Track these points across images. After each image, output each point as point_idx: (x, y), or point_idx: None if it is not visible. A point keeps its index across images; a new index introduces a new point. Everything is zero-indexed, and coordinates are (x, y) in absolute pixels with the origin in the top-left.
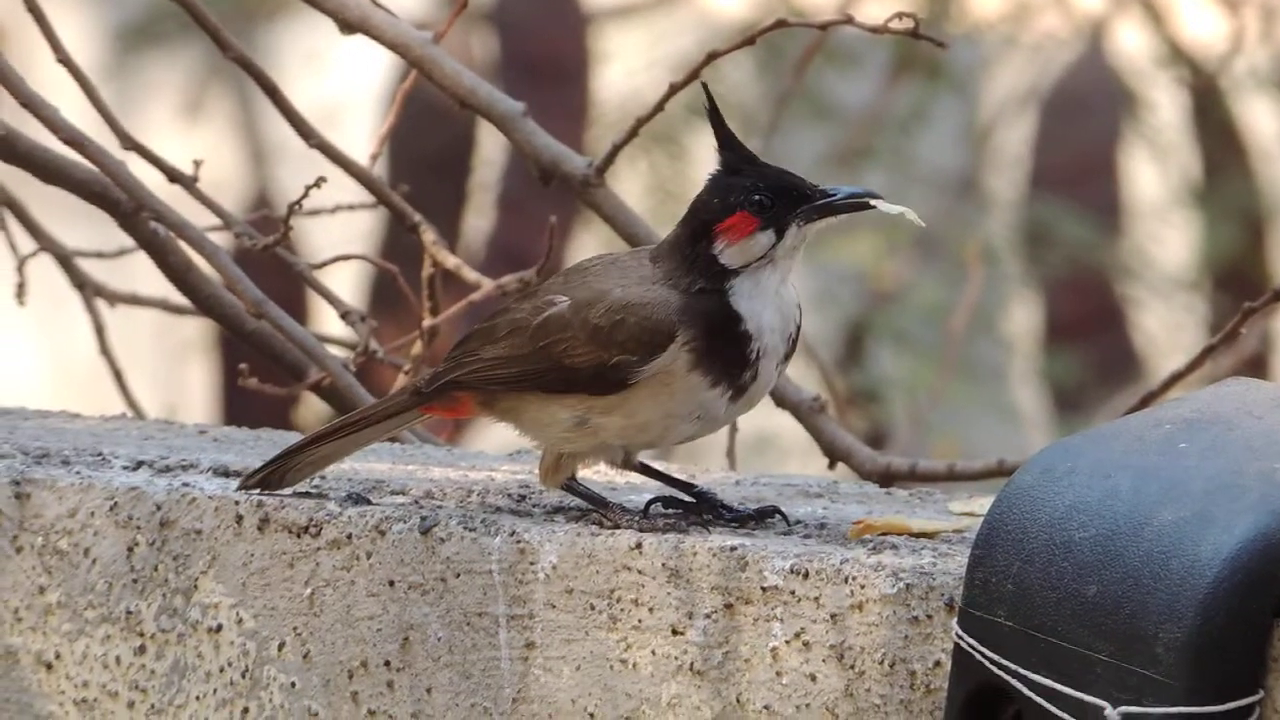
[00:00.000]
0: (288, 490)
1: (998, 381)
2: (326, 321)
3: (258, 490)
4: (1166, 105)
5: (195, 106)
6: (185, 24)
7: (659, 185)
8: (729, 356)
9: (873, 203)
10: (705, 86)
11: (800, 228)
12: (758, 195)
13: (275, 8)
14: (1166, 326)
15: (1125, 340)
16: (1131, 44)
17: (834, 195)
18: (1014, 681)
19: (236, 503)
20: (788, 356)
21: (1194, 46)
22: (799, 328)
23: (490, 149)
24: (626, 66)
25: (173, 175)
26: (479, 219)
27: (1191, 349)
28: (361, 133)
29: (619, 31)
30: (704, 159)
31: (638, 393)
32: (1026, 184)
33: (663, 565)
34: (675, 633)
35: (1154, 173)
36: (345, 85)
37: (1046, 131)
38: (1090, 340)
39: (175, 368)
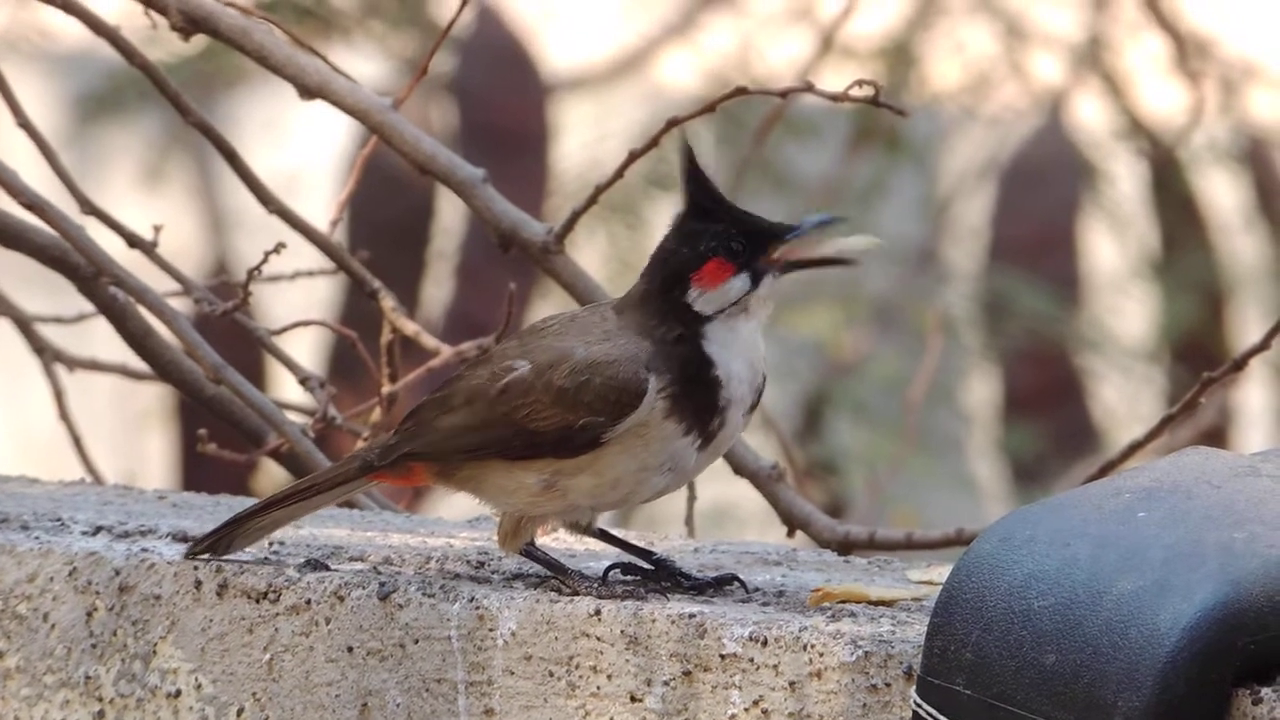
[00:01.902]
0: (236, 555)
1: (956, 453)
2: (285, 387)
3: (205, 556)
4: (1125, 177)
5: (154, 175)
6: (144, 93)
7: (617, 255)
8: (700, 402)
9: (835, 253)
10: (686, 135)
11: (775, 279)
12: (731, 241)
13: (234, 77)
14: (1125, 399)
15: (1084, 412)
16: (1090, 116)
17: (799, 229)
18: None
19: (195, 568)
20: (753, 407)
21: (1153, 119)
22: (765, 379)
23: (449, 218)
24: (584, 138)
25: (132, 240)
26: (437, 288)
27: (1150, 421)
28: (320, 201)
29: (578, 103)
30: (662, 228)
31: (609, 449)
32: (985, 255)
33: (621, 632)
34: (634, 700)
35: (1113, 245)
36: (304, 154)
37: (1005, 203)
38: (1049, 412)
39: (134, 433)
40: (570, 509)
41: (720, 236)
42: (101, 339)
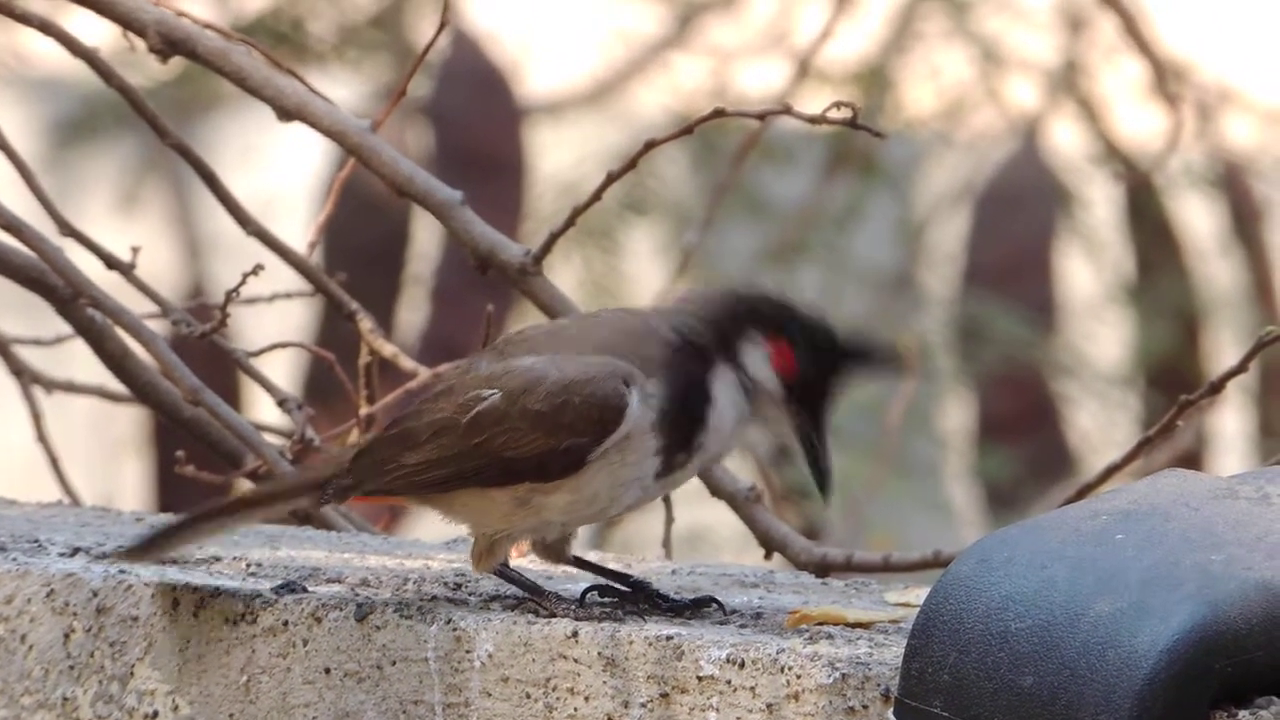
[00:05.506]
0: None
1: (932, 478)
2: (263, 409)
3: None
4: (1101, 202)
5: (131, 199)
6: (121, 118)
7: (593, 279)
8: (686, 420)
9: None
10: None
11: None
12: (812, 352)
13: (211, 101)
14: (1100, 424)
15: (1059, 437)
16: (1066, 141)
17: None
18: None
19: (174, 589)
20: (727, 449)
21: (1129, 144)
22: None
23: (425, 242)
24: (560, 162)
25: (110, 262)
26: (413, 312)
27: (1125, 447)
28: (297, 225)
29: (553, 127)
30: (637, 253)
31: (591, 467)
32: (961, 280)
33: (599, 654)
34: None
35: (1088, 270)
36: (281, 179)
37: (981, 228)
38: (1024, 437)
39: (112, 455)
40: (542, 525)
41: (809, 335)
42: (79, 361)
